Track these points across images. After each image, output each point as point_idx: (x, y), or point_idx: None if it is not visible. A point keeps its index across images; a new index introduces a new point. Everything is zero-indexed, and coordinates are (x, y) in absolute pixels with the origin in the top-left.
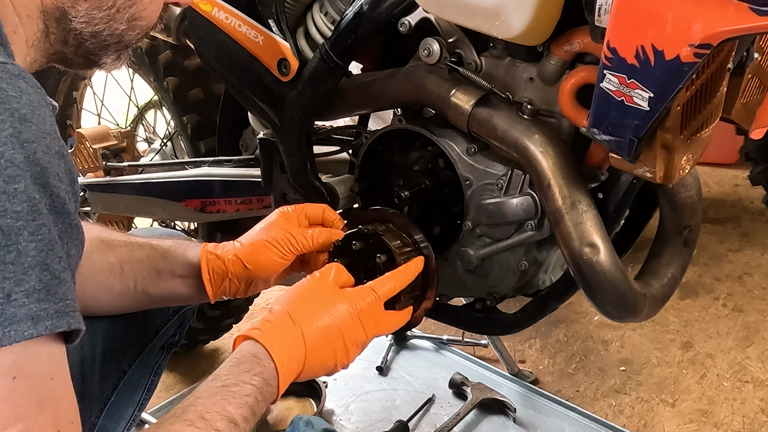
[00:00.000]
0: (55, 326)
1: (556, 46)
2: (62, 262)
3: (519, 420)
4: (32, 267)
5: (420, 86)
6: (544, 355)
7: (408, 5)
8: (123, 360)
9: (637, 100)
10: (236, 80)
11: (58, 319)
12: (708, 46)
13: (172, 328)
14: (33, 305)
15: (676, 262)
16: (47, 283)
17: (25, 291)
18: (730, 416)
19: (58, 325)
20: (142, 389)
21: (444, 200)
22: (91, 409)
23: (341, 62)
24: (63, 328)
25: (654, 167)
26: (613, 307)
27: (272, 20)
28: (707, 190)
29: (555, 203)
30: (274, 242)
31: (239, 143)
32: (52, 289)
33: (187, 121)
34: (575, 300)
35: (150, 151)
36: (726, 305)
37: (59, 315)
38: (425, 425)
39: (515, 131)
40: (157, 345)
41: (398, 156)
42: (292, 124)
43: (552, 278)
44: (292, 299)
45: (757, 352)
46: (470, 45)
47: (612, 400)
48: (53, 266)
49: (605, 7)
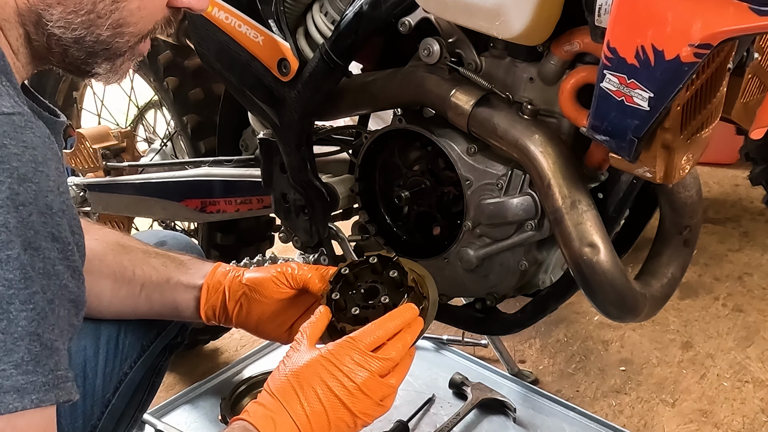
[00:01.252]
0: (41, 400)
1: (556, 46)
2: (55, 330)
3: (519, 420)
4: (22, 337)
5: (420, 86)
6: (544, 355)
7: (408, 5)
8: (124, 362)
9: (637, 100)
10: (236, 80)
11: (46, 393)
12: (708, 46)
13: (174, 330)
14: (20, 377)
15: (676, 262)
16: (37, 354)
17: (14, 362)
18: (730, 416)
19: (45, 399)
20: (143, 390)
21: (444, 200)
22: (92, 411)
23: (341, 62)
24: (50, 403)
25: (654, 167)
26: (613, 307)
27: (272, 20)
28: (707, 190)
29: (555, 203)
30: (275, 272)
31: (239, 143)
32: (42, 360)
33: (187, 121)
34: (575, 300)
35: (150, 151)
36: (726, 305)
37: (47, 388)
38: (425, 425)
39: (515, 131)
40: (159, 346)
41: (398, 156)
42: (292, 124)
43: (552, 278)
44: (274, 376)
45: (757, 352)
46: (470, 45)
47: (612, 400)
48: (44, 336)
49: (605, 7)
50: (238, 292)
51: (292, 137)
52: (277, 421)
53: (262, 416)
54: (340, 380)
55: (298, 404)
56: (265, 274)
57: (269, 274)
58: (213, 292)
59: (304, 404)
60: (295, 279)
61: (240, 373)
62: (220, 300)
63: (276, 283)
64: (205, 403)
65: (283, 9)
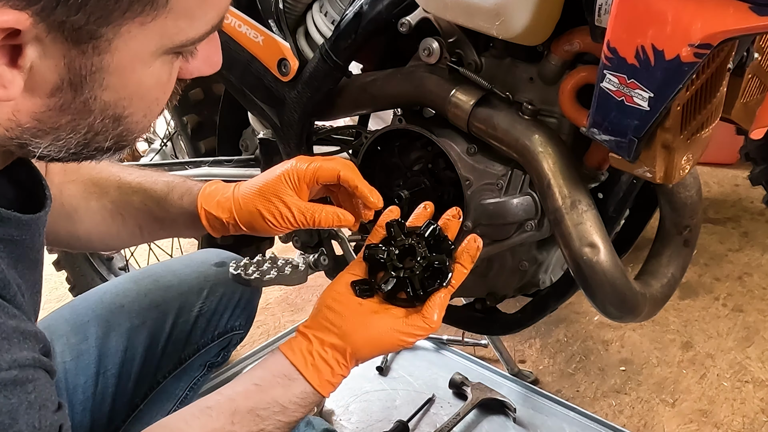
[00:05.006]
0: None
1: (556, 46)
2: None
3: (519, 420)
4: None
5: (420, 86)
6: (544, 355)
7: (408, 5)
8: (159, 371)
9: (637, 100)
10: (236, 80)
11: None
12: (708, 46)
13: (215, 349)
14: None
15: (676, 262)
16: None
17: None
18: (730, 416)
19: None
20: (174, 400)
21: (444, 200)
22: (119, 412)
23: (341, 62)
24: None
25: (654, 167)
26: (613, 307)
27: (272, 20)
28: (707, 190)
29: (555, 203)
30: (267, 213)
31: (239, 143)
32: None
33: (187, 121)
34: (575, 300)
35: (150, 151)
36: (726, 305)
37: None
38: (425, 425)
39: (515, 131)
40: (198, 362)
41: (398, 156)
42: (292, 124)
43: (552, 278)
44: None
45: (757, 352)
46: (470, 45)
47: (612, 400)
48: None
49: (605, 7)
50: (241, 229)
51: (292, 137)
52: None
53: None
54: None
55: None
56: (257, 218)
57: (261, 219)
58: (217, 226)
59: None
60: (287, 223)
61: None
62: (230, 230)
63: (271, 227)
64: None
65: (283, 9)
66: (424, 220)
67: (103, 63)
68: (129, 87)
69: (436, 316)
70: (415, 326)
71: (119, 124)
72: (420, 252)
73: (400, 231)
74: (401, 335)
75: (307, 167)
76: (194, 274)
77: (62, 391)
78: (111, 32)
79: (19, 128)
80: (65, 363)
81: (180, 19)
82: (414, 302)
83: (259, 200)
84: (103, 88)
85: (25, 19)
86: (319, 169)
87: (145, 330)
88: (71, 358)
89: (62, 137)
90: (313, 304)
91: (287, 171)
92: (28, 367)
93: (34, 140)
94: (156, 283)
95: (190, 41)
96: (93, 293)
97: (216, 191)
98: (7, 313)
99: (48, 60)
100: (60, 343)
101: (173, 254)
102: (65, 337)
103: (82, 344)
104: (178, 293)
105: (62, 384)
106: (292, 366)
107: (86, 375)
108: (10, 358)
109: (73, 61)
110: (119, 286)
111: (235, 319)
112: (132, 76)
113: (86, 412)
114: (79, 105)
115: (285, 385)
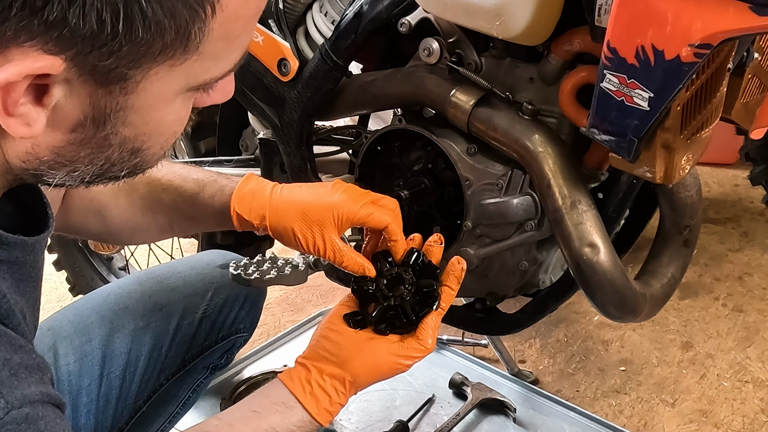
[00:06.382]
0: None
1: (556, 46)
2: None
3: (519, 420)
4: None
5: (420, 86)
6: (544, 355)
7: (408, 5)
8: (162, 373)
9: (637, 100)
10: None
11: None
12: (708, 46)
13: (219, 351)
14: None
15: (676, 262)
16: None
17: None
18: (730, 416)
19: None
20: (177, 402)
21: (444, 200)
22: (122, 414)
23: (341, 62)
24: None
25: (654, 167)
26: (613, 307)
27: (272, 20)
28: (707, 190)
29: (555, 203)
30: (302, 237)
31: (239, 143)
32: None
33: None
34: (575, 300)
35: None
36: (726, 305)
37: None
38: (425, 425)
39: (515, 131)
40: (201, 364)
41: (398, 156)
42: (292, 124)
43: (552, 278)
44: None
45: (757, 352)
46: (470, 45)
47: (612, 400)
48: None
49: (605, 7)
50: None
51: (292, 137)
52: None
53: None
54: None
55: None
56: (288, 236)
57: (291, 239)
58: (249, 228)
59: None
60: (315, 251)
61: (240, 373)
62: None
63: (298, 247)
64: (205, 404)
65: (283, 9)
66: (403, 251)
67: (128, 102)
68: (150, 124)
69: (430, 340)
70: (412, 349)
71: (136, 156)
72: (407, 279)
73: (386, 261)
74: (398, 359)
75: (359, 210)
76: (199, 276)
77: (66, 394)
78: (140, 74)
79: (37, 161)
80: (69, 365)
81: (207, 61)
82: (407, 328)
83: (298, 222)
84: (125, 125)
85: (59, 65)
86: (369, 217)
87: (150, 332)
88: (75, 359)
89: (79, 169)
90: (313, 304)
91: (339, 209)
92: (38, 404)
93: (51, 171)
94: (160, 285)
95: (213, 79)
96: (97, 294)
97: (250, 194)
98: (12, 345)
99: (74, 99)
100: (64, 345)
101: (173, 254)
102: (69, 339)
103: (86, 346)
104: (182, 295)
105: (66, 386)
106: (291, 394)
107: (90, 377)
108: (21, 395)
109: (99, 100)
110: (123, 287)
111: (240, 321)
112: (155, 114)
113: (90, 414)
114: (100, 140)
115: (283, 412)
